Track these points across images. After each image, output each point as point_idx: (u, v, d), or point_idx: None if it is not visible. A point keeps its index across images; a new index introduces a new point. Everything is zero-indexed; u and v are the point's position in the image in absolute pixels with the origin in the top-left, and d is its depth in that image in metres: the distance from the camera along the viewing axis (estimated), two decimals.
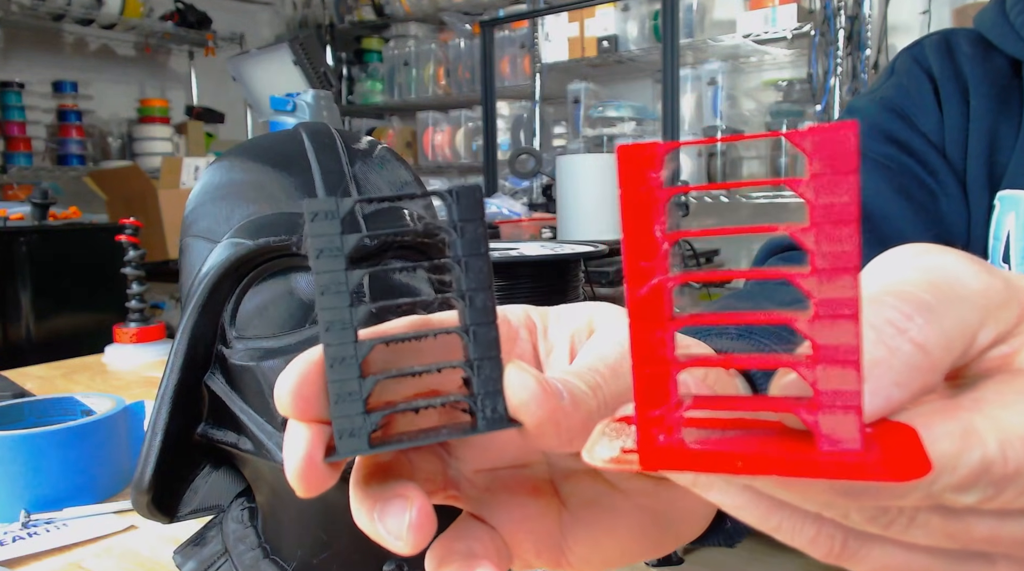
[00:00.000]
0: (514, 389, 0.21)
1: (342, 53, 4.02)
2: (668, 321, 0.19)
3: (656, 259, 0.18)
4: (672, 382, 0.19)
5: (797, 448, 0.18)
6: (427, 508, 0.21)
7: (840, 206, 0.17)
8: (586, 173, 1.64)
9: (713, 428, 0.20)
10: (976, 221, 0.63)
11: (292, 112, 1.54)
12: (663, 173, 0.18)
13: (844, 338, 0.17)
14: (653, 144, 0.18)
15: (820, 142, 0.17)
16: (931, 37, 0.68)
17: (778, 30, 2.68)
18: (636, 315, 0.19)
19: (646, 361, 0.19)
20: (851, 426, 0.17)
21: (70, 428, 0.61)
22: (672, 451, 0.19)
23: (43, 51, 3.48)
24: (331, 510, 0.43)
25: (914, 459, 0.17)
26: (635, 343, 0.19)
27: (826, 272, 0.17)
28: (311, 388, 0.21)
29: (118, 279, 1.17)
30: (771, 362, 0.18)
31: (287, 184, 0.43)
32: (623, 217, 0.18)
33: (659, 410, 0.19)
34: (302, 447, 0.21)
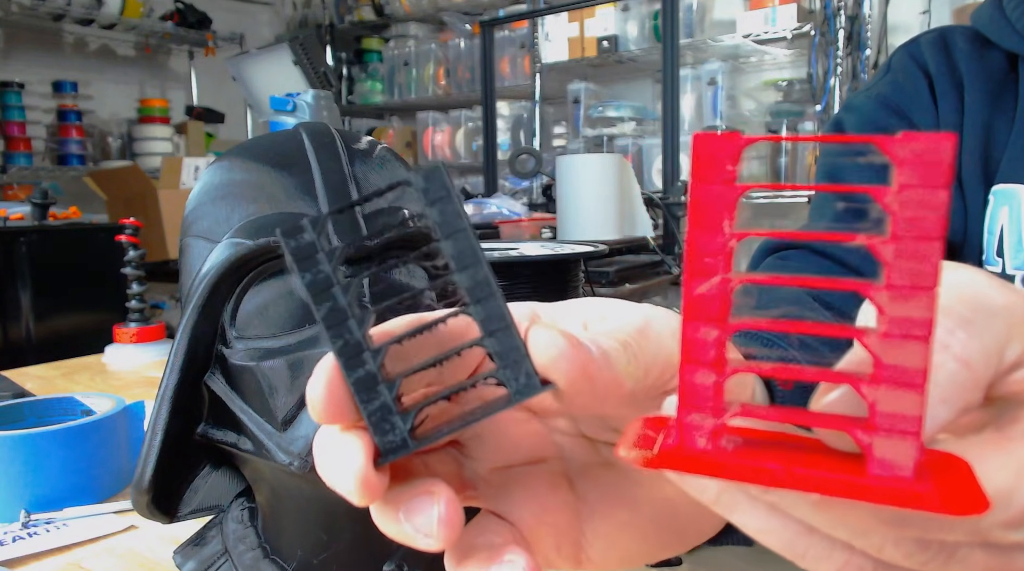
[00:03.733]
0: (541, 348, 0.20)
1: (342, 53, 4.02)
2: (725, 323, 0.18)
3: (721, 257, 0.17)
4: (721, 387, 0.18)
5: (843, 468, 0.17)
6: (455, 502, 0.21)
7: (927, 221, 0.16)
8: (586, 173, 1.64)
9: (753, 439, 0.19)
10: (972, 216, 0.63)
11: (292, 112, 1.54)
12: (739, 167, 0.17)
13: (912, 360, 0.16)
14: (734, 135, 0.17)
15: (915, 152, 0.16)
16: (928, 34, 0.68)
17: (778, 30, 2.68)
18: (692, 313, 0.18)
19: (697, 361, 0.18)
20: (907, 452, 0.16)
21: (70, 428, 0.61)
22: (713, 458, 0.18)
23: (43, 51, 3.48)
24: (331, 510, 0.43)
25: (970, 493, 0.16)
26: (686, 342, 0.18)
27: (903, 289, 0.16)
28: (341, 392, 0.20)
29: (118, 279, 1.17)
30: (829, 376, 0.18)
31: (287, 184, 0.43)
32: (691, 210, 0.17)
33: (703, 414, 0.18)
34: (359, 457, 0.20)
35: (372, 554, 0.44)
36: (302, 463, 0.38)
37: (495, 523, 0.24)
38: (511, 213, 1.77)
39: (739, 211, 0.17)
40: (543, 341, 0.20)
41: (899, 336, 0.16)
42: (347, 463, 0.20)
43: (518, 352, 0.20)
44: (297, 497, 0.43)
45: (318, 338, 0.40)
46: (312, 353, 0.39)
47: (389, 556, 0.44)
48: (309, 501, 0.43)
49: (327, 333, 0.20)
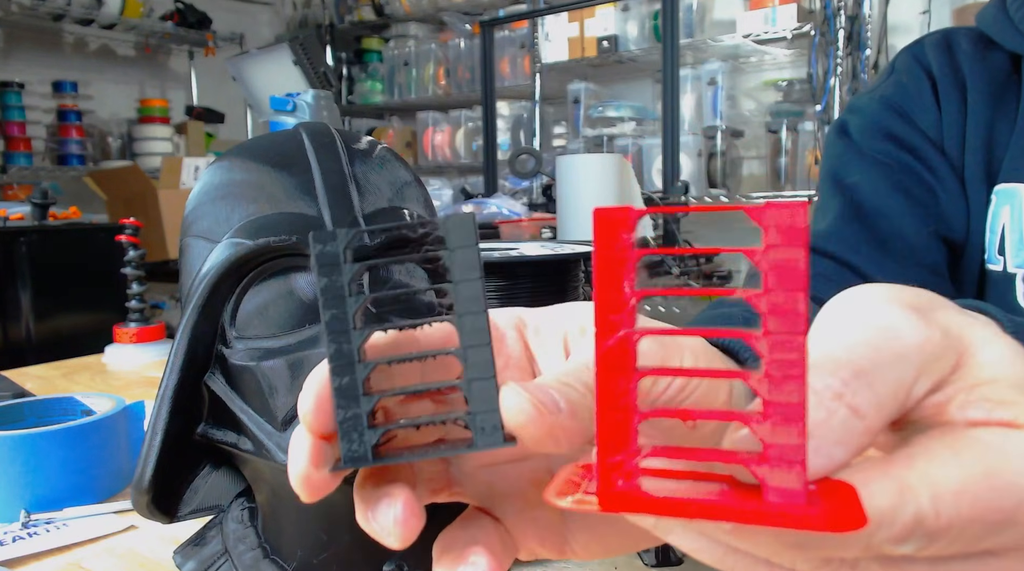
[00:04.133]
0: (510, 412, 0.21)
1: (342, 53, 4.02)
2: (633, 372, 0.20)
3: (624, 313, 0.19)
4: (633, 431, 0.20)
5: (746, 498, 0.19)
6: (412, 504, 0.23)
7: (791, 276, 0.18)
8: (586, 173, 1.64)
9: (668, 477, 0.21)
10: (974, 215, 0.64)
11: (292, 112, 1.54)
12: (635, 234, 0.19)
13: (791, 397, 0.18)
14: (626, 209, 0.19)
15: (777, 218, 0.18)
16: (932, 36, 0.69)
17: (778, 30, 2.68)
18: (603, 365, 0.20)
19: (610, 409, 0.20)
20: (795, 480, 0.18)
21: (70, 428, 0.61)
22: (630, 496, 0.20)
23: (43, 51, 3.48)
24: (331, 510, 0.43)
25: (852, 513, 0.18)
26: (601, 391, 0.20)
27: (777, 336, 0.18)
28: (327, 404, 0.23)
29: (118, 279, 1.17)
30: (727, 416, 0.20)
31: (287, 184, 0.43)
32: (595, 273, 0.20)
33: (620, 456, 0.20)
34: (304, 457, 0.22)
35: (372, 554, 0.44)
36: None
37: (480, 519, 0.26)
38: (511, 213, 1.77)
39: (639, 272, 0.20)
40: (514, 406, 0.21)
41: (778, 377, 0.18)
42: (296, 460, 0.23)
43: (491, 404, 0.22)
44: (297, 497, 0.43)
45: (318, 338, 0.40)
46: (312, 353, 0.39)
47: (389, 556, 0.44)
48: None
49: (326, 338, 0.22)
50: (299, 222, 0.41)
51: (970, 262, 0.65)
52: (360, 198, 0.43)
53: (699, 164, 2.81)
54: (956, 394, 0.21)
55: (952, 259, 0.65)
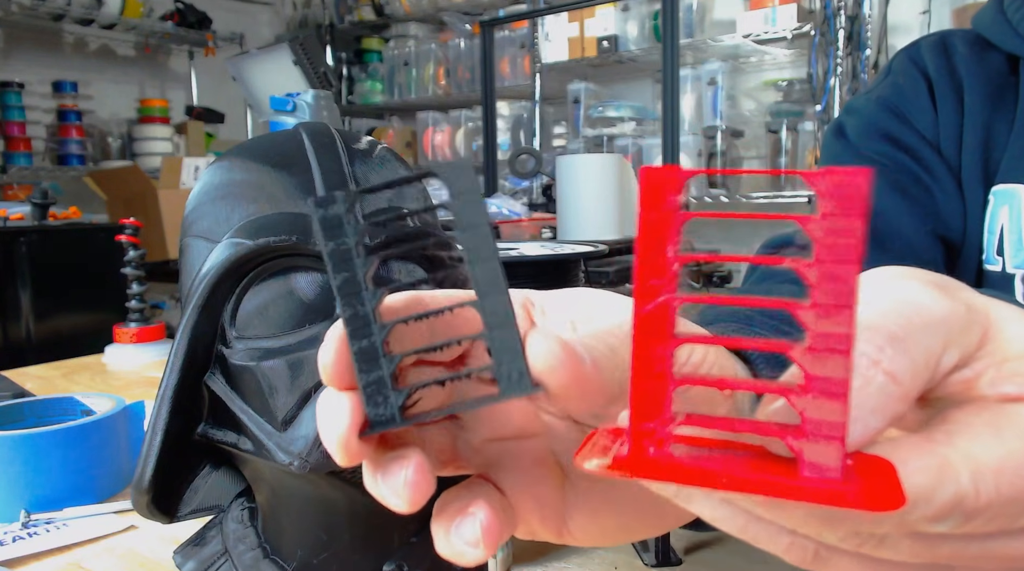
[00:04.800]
0: (540, 356, 0.21)
1: (342, 53, 4.02)
2: (670, 338, 0.19)
3: (665, 278, 0.19)
4: (668, 398, 0.20)
5: (779, 471, 0.19)
6: (423, 467, 0.22)
7: (845, 247, 0.17)
8: (586, 173, 1.64)
9: (700, 446, 0.21)
10: (972, 216, 0.64)
11: (292, 112, 1.54)
12: (681, 197, 0.19)
13: (835, 372, 0.18)
14: (674, 169, 0.19)
15: (834, 184, 0.17)
16: (928, 38, 0.69)
17: (778, 30, 2.67)
18: (640, 330, 0.19)
19: (645, 376, 0.20)
20: (834, 455, 0.18)
21: (70, 428, 0.61)
22: (661, 463, 0.20)
23: (43, 51, 3.48)
24: (331, 510, 0.43)
25: (890, 491, 0.18)
26: (636, 357, 0.19)
27: (825, 308, 0.18)
28: (347, 358, 0.22)
29: (118, 279, 1.17)
30: (765, 388, 0.19)
31: (287, 184, 0.43)
32: (639, 236, 0.19)
33: (652, 423, 0.20)
34: (344, 423, 0.22)
35: (372, 554, 0.44)
36: (302, 463, 0.38)
37: (482, 485, 0.26)
38: (511, 213, 1.77)
39: (683, 237, 0.19)
40: (542, 349, 0.21)
41: (822, 350, 0.18)
42: (334, 426, 0.22)
43: (515, 351, 0.21)
44: (297, 497, 0.43)
45: (318, 338, 0.40)
46: (312, 353, 0.39)
47: (389, 556, 0.44)
48: (309, 501, 0.43)
49: (340, 301, 0.21)
50: (299, 222, 0.41)
51: (967, 262, 0.65)
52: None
53: (699, 164, 2.81)
54: (985, 370, 0.21)
55: (949, 259, 0.65)
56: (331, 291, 0.42)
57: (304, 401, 0.39)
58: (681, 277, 0.19)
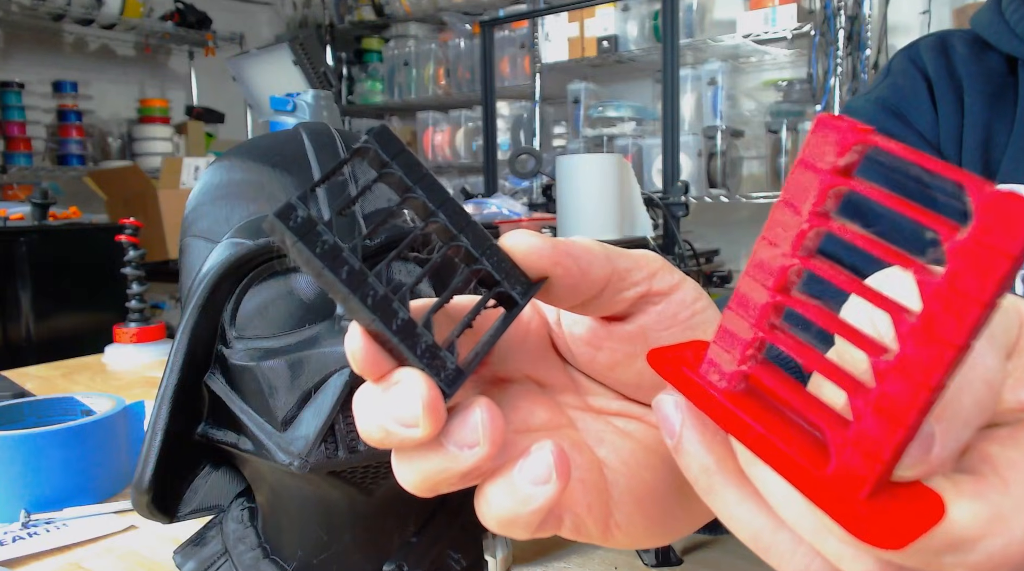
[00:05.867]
0: (521, 242, 0.22)
1: (342, 53, 4.02)
2: (775, 291, 0.19)
3: (792, 233, 0.19)
4: (749, 341, 0.20)
5: (809, 455, 0.18)
6: (489, 402, 0.22)
7: (981, 284, 0.15)
8: (586, 173, 1.64)
9: (763, 395, 0.20)
10: None
11: (292, 112, 1.54)
12: (846, 160, 0.18)
13: (908, 402, 0.16)
14: (850, 124, 0.17)
15: (998, 203, 0.15)
16: (927, 38, 0.69)
17: (778, 30, 2.67)
18: (750, 271, 0.19)
19: (740, 311, 0.20)
20: (867, 471, 0.17)
21: (70, 428, 0.61)
22: (703, 389, 0.20)
23: (43, 51, 3.48)
24: (331, 510, 0.43)
25: (901, 526, 0.16)
26: (738, 292, 0.20)
27: (928, 334, 0.16)
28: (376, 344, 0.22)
29: (118, 279, 1.17)
30: (837, 375, 0.18)
31: (287, 184, 0.43)
32: (786, 182, 0.19)
33: (728, 354, 0.20)
34: (423, 386, 0.21)
35: (372, 554, 0.44)
36: (302, 463, 0.38)
37: None
38: (511, 213, 1.77)
39: (828, 201, 0.18)
40: (520, 238, 0.22)
41: (905, 374, 0.16)
42: (417, 400, 0.21)
43: (509, 263, 0.22)
44: (297, 497, 0.43)
45: (318, 338, 0.40)
46: (312, 353, 0.39)
47: (389, 556, 0.44)
48: (309, 501, 0.43)
49: (354, 294, 0.21)
50: None
51: None
52: (360, 198, 0.43)
53: (699, 164, 2.81)
54: (1013, 371, 0.20)
55: None
56: None
57: (304, 401, 0.39)
58: (809, 240, 0.19)
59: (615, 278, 0.24)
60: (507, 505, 0.22)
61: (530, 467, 0.22)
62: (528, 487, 0.22)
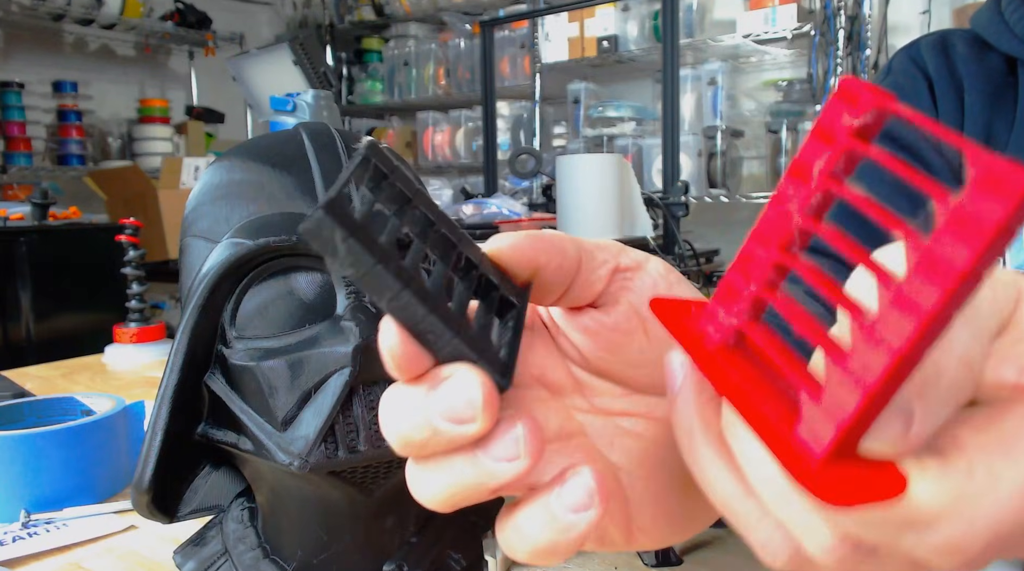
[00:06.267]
0: (502, 244, 0.23)
1: (342, 53, 4.02)
2: (777, 250, 0.19)
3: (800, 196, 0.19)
4: (747, 297, 0.20)
5: (784, 417, 0.18)
6: (530, 414, 0.21)
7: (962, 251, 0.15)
8: (586, 173, 1.64)
9: (756, 352, 0.21)
10: None
11: (292, 112, 1.54)
12: (861, 124, 0.18)
13: (874, 368, 0.16)
14: (874, 91, 0.17)
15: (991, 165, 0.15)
16: (928, 37, 0.69)
17: (778, 30, 2.67)
18: (756, 230, 0.20)
19: (740, 268, 0.20)
20: (826, 433, 0.17)
21: (70, 428, 0.61)
22: (695, 337, 0.21)
23: (43, 51, 3.48)
24: (331, 510, 0.43)
25: (850, 489, 0.17)
26: (743, 251, 0.20)
27: (904, 300, 0.16)
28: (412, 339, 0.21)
29: (118, 279, 1.17)
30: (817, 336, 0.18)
31: (287, 184, 0.43)
32: (803, 144, 0.19)
33: (725, 309, 0.21)
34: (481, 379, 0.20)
35: (372, 554, 0.44)
36: (302, 463, 0.38)
37: None
38: (511, 213, 1.77)
39: (838, 167, 0.18)
40: (503, 238, 0.23)
41: (877, 335, 0.16)
42: (468, 388, 0.20)
43: (499, 270, 0.23)
44: (297, 497, 0.43)
45: (318, 338, 0.40)
46: (312, 353, 0.39)
47: (389, 556, 0.44)
48: (309, 501, 0.43)
49: (407, 288, 0.19)
50: (299, 222, 0.41)
51: None
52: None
53: (699, 164, 2.81)
54: (997, 349, 0.19)
55: None
56: (331, 291, 0.42)
57: (304, 401, 0.39)
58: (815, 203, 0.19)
59: (585, 257, 0.25)
60: (546, 536, 0.21)
61: (570, 494, 0.21)
62: (569, 515, 0.21)
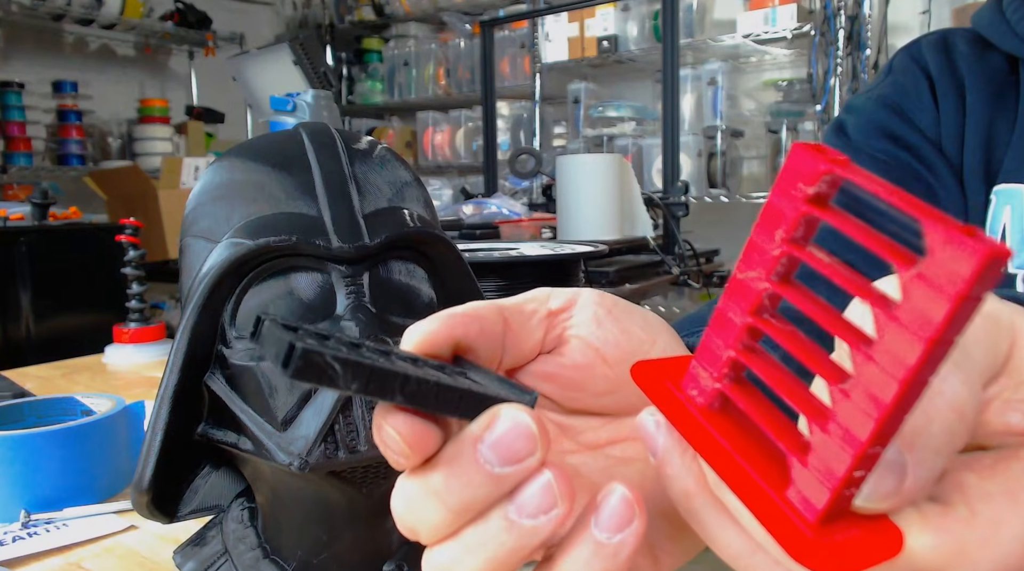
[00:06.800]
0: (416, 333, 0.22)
1: (342, 53, 4.02)
2: (750, 313, 0.20)
3: (766, 259, 0.19)
4: (727, 360, 0.20)
5: (773, 482, 0.18)
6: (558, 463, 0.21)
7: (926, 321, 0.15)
8: (586, 173, 1.64)
9: (740, 415, 0.21)
10: (973, 215, 0.64)
11: (292, 112, 1.54)
12: (817, 191, 0.18)
13: (858, 430, 0.16)
14: (823, 155, 0.17)
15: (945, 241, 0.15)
16: (929, 36, 0.69)
17: (778, 30, 2.67)
18: (728, 293, 0.20)
19: (718, 330, 0.20)
20: (818, 498, 0.17)
21: (70, 428, 0.61)
22: (685, 405, 0.21)
23: (43, 51, 3.48)
24: (331, 510, 0.43)
25: (847, 558, 0.17)
26: (718, 312, 0.20)
27: (878, 364, 0.16)
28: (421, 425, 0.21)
29: (118, 279, 1.17)
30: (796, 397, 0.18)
31: (287, 184, 0.43)
32: (763, 209, 0.19)
33: (707, 371, 0.21)
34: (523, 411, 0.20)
35: (372, 554, 0.44)
36: (302, 463, 0.38)
37: None
38: (511, 213, 1.77)
39: (798, 234, 0.18)
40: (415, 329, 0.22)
41: (857, 400, 0.16)
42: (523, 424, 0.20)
43: None
44: (297, 497, 0.43)
45: None
46: None
47: (389, 556, 0.44)
48: (309, 501, 0.43)
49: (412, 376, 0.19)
50: (299, 222, 0.41)
51: None
52: (360, 198, 0.43)
53: (699, 164, 2.81)
54: (1000, 393, 0.19)
55: None
56: (331, 291, 0.42)
57: (304, 401, 0.39)
58: (781, 268, 0.19)
59: (511, 315, 0.24)
60: (597, 566, 0.20)
61: (610, 514, 0.20)
62: (616, 536, 0.20)
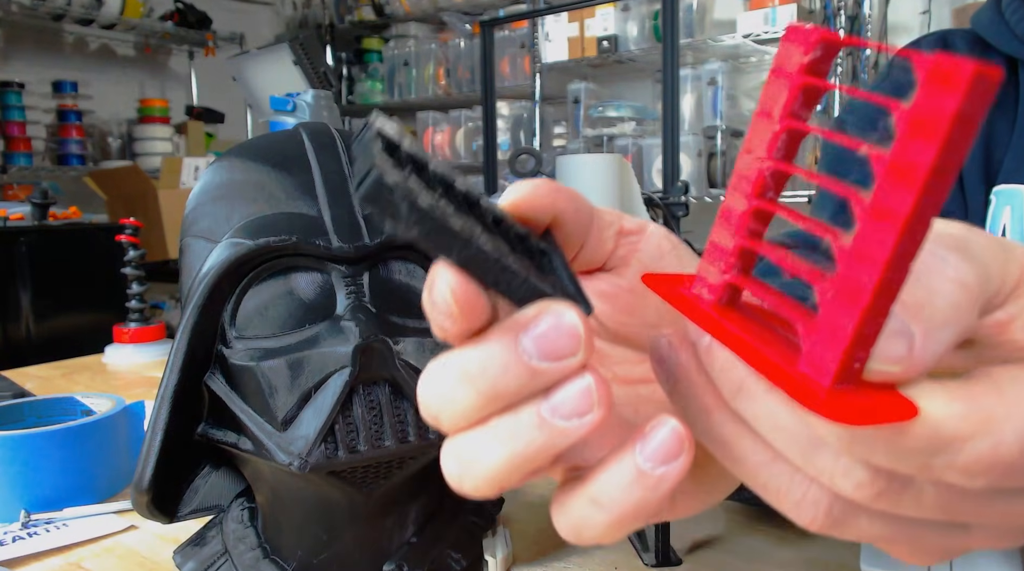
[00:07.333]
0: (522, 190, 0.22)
1: (342, 53, 4.02)
2: (754, 198, 0.20)
3: (766, 140, 0.19)
4: (733, 251, 0.20)
5: (783, 355, 0.18)
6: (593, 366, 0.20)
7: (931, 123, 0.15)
8: (586, 173, 1.64)
9: (756, 311, 0.21)
10: (973, 215, 0.64)
11: (292, 112, 1.54)
12: (813, 60, 0.18)
13: (863, 282, 0.16)
14: (817, 27, 0.18)
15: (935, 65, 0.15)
16: (928, 37, 0.69)
17: (778, 30, 2.67)
18: (731, 184, 0.20)
19: (722, 224, 0.21)
20: (830, 359, 0.17)
21: (70, 428, 0.61)
22: (692, 298, 0.21)
23: (43, 51, 3.48)
24: (331, 510, 0.43)
25: (861, 411, 0.17)
26: (723, 207, 0.21)
27: (878, 209, 0.16)
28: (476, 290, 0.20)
29: (118, 279, 1.17)
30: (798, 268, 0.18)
31: (287, 184, 0.43)
32: (762, 90, 0.19)
33: (714, 267, 0.21)
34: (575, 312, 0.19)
35: (372, 554, 0.44)
36: (302, 463, 0.38)
37: None
38: None
39: (797, 105, 0.18)
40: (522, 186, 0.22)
41: (862, 247, 0.16)
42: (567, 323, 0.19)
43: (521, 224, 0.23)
44: (297, 497, 0.43)
45: (318, 338, 0.40)
46: (312, 353, 0.39)
47: (389, 556, 0.44)
48: (309, 501, 0.43)
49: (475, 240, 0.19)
50: (299, 222, 0.41)
51: None
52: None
53: (699, 164, 2.81)
54: (1021, 313, 0.20)
55: None
56: (331, 291, 0.42)
57: (304, 401, 0.39)
58: (782, 144, 0.19)
59: (596, 215, 0.25)
60: (634, 495, 0.20)
61: (659, 444, 0.20)
62: (660, 468, 0.20)
